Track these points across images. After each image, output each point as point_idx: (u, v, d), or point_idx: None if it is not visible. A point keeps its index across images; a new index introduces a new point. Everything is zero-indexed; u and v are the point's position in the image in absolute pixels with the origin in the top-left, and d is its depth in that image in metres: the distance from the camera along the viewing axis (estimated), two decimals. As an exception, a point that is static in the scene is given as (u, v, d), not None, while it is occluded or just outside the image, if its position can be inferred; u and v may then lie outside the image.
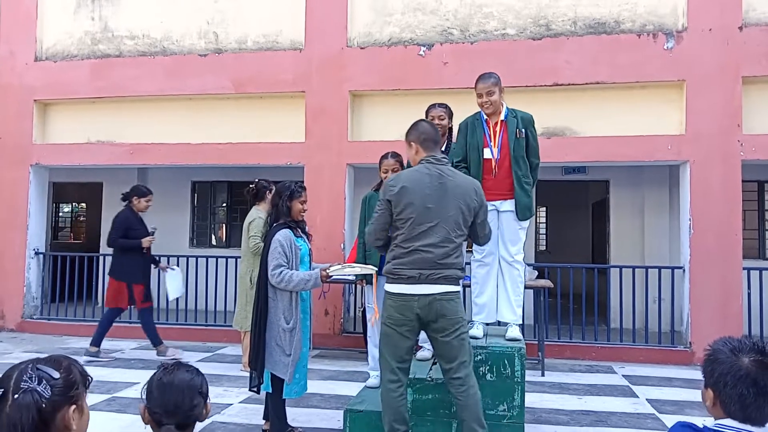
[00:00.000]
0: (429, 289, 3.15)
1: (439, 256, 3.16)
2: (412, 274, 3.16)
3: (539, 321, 6.23)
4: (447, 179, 3.25)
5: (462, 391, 3.18)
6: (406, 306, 3.18)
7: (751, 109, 6.55)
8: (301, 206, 3.94)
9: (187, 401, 1.67)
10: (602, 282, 8.35)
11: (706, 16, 6.55)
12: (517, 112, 4.05)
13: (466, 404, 3.18)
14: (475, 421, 3.16)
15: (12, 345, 7.22)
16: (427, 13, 7.18)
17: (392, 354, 3.27)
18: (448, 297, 3.17)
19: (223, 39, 7.72)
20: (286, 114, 7.52)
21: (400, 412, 3.26)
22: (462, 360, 3.20)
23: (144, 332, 6.51)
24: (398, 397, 3.25)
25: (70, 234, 14.41)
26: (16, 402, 1.36)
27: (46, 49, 8.29)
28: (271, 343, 3.73)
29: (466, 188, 3.29)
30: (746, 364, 1.56)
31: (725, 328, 6.32)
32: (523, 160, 3.98)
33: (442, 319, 3.16)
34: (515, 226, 4.00)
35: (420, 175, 3.25)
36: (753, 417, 1.54)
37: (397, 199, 3.22)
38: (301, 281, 3.69)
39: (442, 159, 3.34)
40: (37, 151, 8.18)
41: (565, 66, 6.76)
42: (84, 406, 1.49)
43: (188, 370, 1.74)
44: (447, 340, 3.18)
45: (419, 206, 3.18)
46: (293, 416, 4.50)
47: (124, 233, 6.33)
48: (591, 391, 5.35)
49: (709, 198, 6.47)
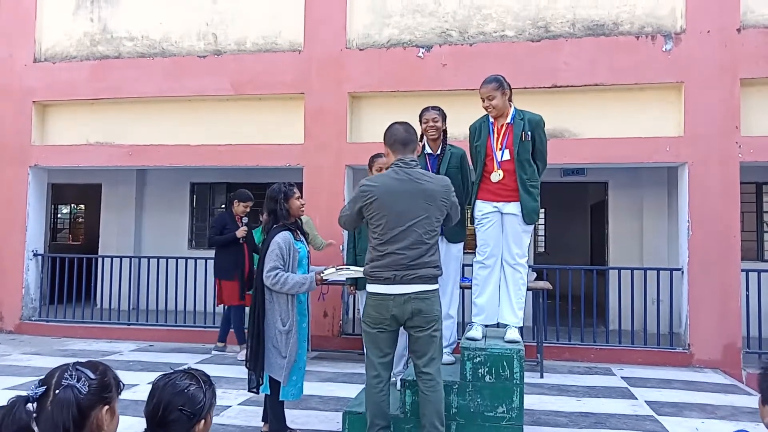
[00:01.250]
0: (404, 289, 3.28)
1: (411, 258, 3.28)
2: (387, 275, 3.29)
3: (538, 323, 6.24)
4: (415, 183, 3.34)
5: (429, 387, 3.32)
6: (383, 305, 3.31)
7: (750, 110, 6.56)
8: (298, 203, 3.97)
9: (161, 411, 1.66)
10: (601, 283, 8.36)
11: (705, 18, 6.56)
12: (525, 114, 4.00)
13: (430, 400, 3.31)
14: (436, 418, 3.30)
15: (10, 347, 7.22)
16: (426, 15, 7.19)
17: (373, 350, 3.40)
18: (423, 296, 3.29)
19: (222, 40, 7.72)
20: (285, 115, 7.53)
21: (381, 408, 3.37)
22: (432, 356, 3.33)
23: (230, 329, 6.70)
24: (379, 393, 3.36)
25: (68, 235, 14.40)
26: (57, 397, 1.49)
27: (45, 50, 8.29)
28: (269, 345, 3.75)
29: (435, 190, 3.37)
30: None
31: (723, 330, 6.34)
32: (529, 163, 3.94)
33: (417, 317, 3.28)
34: (519, 229, 3.97)
35: (389, 180, 3.36)
36: None
37: (368, 206, 3.35)
38: (296, 284, 3.72)
39: (411, 162, 3.41)
40: (36, 152, 8.18)
41: (563, 68, 6.77)
42: (115, 409, 1.59)
43: (189, 381, 1.71)
44: (420, 335, 3.31)
45: (390, 211, 3.29)
46: (292, 418, 4.50)
47: (220, 232, 6.59)
48: (590, 393, 5.35)
49: (707, 200, 6.48)
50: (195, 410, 1.66)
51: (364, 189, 3.38)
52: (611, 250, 8.94)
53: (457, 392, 3.71)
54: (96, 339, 7.73)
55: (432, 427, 3.28)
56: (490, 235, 4.01)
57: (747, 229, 8.14)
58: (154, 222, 10.25)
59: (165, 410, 1.65)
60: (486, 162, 4.02)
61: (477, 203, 4.07)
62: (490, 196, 4.01)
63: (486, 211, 4.02)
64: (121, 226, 10.18)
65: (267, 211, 3.97)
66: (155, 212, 10.28)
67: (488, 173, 4.01)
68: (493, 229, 4.01)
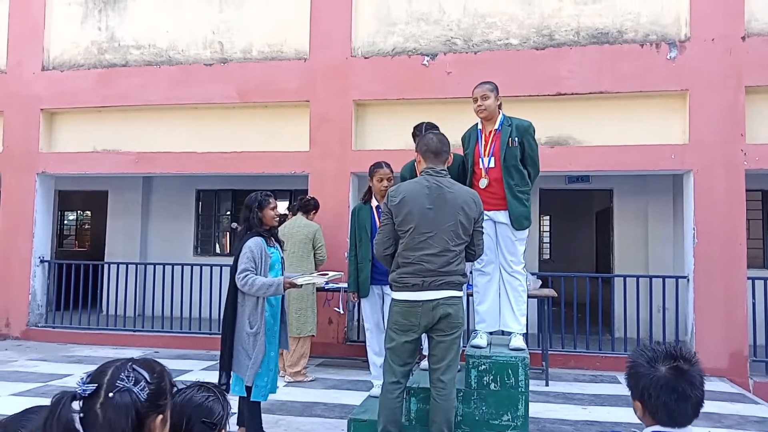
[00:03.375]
0: (433, 295, 3.28)
1: (440, 265, 3.29)
2: (415, 282, 3.29)
3: (543, 330, 6.22)
4: (445, 190, 3.36)
5: (443, 394, 3.32)
6: (411, 312, 3.31)
7: (755, 118, 6.55)
8: (272, 212, 4.06)
9: (185, 425, 1.65)
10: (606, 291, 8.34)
11: (709, 26, 6.57)
12: (512, 120, 4.00)
13: (443, 407, 3.31)
14: (445, 425, 3.30)
15: (17, 353, 7.25)
16: (431, 23, 7.23)
17: (396, 358, 3.39)
18: (451, 301, 3.30)
19: (228, 49, 7.78)
20: (291, 123, 7.56)
21: (395, 415, 3.38)
22: (449, 363, 3.34)
23: None
24: (395, 399, 3.37)
25: (75, 242, 14.47)
26: (113, 401, 1.30)
27: (53, 58, 8.36)
28: (238, 346, 3.86)
29: (465, 199, 3.40)
30: (663, 373, 1.63)
31: (729, 338, 6.31)
32: (516, 170, 3.92)
33: (444, 321, 3.29)
34: (511, 237, 3.96)
35: (419, 186, 3.38)
36: (679, 420, 1.63)
37: (397, 209, 3.34)
38: (263, 286, 3.80)
39: (441, 171, 3.44)
40: (44, 159, 8.24)
41: (568, 76, 6.78)
42: (168, 419, 1.41)
43: (207, 394, 1.71)
44: (443, 340, 3.32)
45: (418, 217, 3.30)
46: (297, 425, 4.51)
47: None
48: (595, 401, 5.33)
49: (712, 207, 6.47)
50: (215, 421, 1.68)
51: (391, 192, 3.42)
52: (616, 258, 8.93)
53: (462, 400, 3.70)
54: (102, 345, 7.75)
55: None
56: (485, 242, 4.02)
57: (752, 237, 8.11)
58: (160, 229, 10.30)
59: (188, 424, 1.66)
60: (474, 169, 4.03)
61: None
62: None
63: None
64: (127, 233, 10.22)
65: (242, 219, 4.08)
66: (161, 219, 10.33)
67: (477, 180, 4.02)
68: (487, 237, 4.02)
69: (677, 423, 1.62)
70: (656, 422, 1.64)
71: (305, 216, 6.25)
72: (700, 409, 1.64)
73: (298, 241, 5.99)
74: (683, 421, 1.62)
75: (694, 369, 1.64)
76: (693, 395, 1.61)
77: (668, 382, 1.61)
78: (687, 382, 1.61)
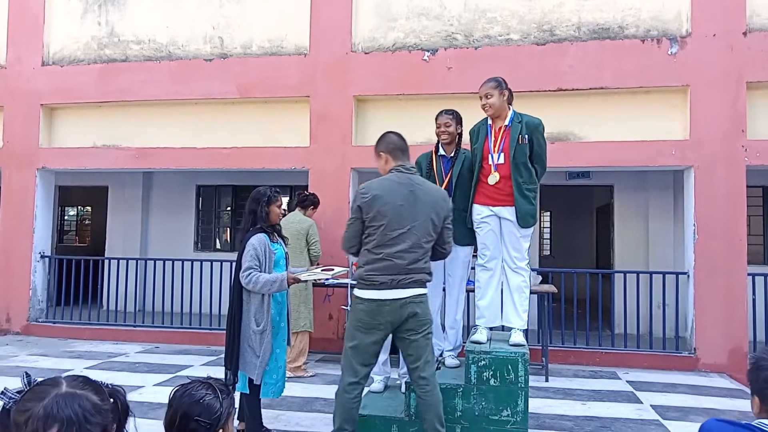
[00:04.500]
0: (400, 294, 3.28)
1: (409, 261, 3.30)
2: (384, 280, 3.28)
3: (543, 326, 6.23)
4: (417, 187, 3.40)
5: (427, 391, 3.33)
6: (378, 310, 3.29)
7: (756, 114, 6.54)
8: (278, 210, 4.06)
9: (179, 421, 1.65)
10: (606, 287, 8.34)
11: (710, 22, 6.55)
12: (523, 117, 3.99)
13: (430, 403, 3.32)
14: (437, 420, 3.32)
15: (18, 348, 7.26)
16: (431, 19, 7.21)
17: (359, 357, 3.36)
18: (418, 299, 3.32)
19: (229, 44, 7.76)
20: (291, 118, 7.55)
21: (352, 414, 3.38)
22: (427, 359, 3.36)
23: None
24: (353, 399, 3.37)
25: (75, 237, 14.48)
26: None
27: (53, 53, 8.35)
28: (244, 345, 3.85)
29: (436, 197, 3.44)
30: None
31: (729, 334, 6.31)
32: (525, 167, 3.92)
33: (413, 320, 3.30)
34: (516, 233, 3.96)
35: (391, 184, 3.39)
36: None
37: (368, 206, 3.33)
38: (267, 282, 3.80)
39: (411, 168, 3.48)
40: (44, 154, 8.24)
41: (568, 71, 6.77)
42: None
43: (205, 391, 1.69)
44: (415, 338, 3.33)
45: (390, 213, 3.31)
46: (297, 421, 4.52)
47: None
48: (595, 397, 5.34)
49: (713, 203, 6.47)
50: (212, 420, 1.65)
51: (363, 189, 3.40)
52: (617, 254, 8.93)
53: (461, 395, 3.71)
54: (102, 340, 7.76)
55: (433, 430, 3.30)
56: (489, 238, 4.02)
57: (753, 233, 8.11)
58: (161, 224, 10.30)
59: (182, 420, 1.64)
60: (483, 165, 4.03)
61: (474, 207, 4.07)
62: (487, 199, 4.01)
63: (483, 214, 4.02)
64: (127, 229, 10.23)
65: (247, 211, 4.04)
66: (161, 215, 10.33)
67: (485, 176, 4.01)
68: (491, 233, 4.02)
69: None
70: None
71: (302, 211, 6.23)
72: None
73: (292, 236, 5.94)
74: None
75: None
76: None
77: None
78: None
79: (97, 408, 1.22)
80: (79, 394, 1.22)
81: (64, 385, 1.23)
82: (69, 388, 1.23)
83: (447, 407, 3.69)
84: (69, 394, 1.21)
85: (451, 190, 4.14)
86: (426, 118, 4.57)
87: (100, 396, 1.25)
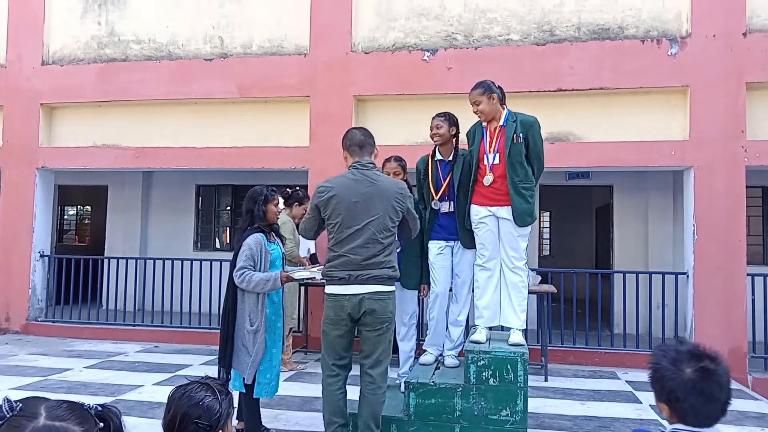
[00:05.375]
0: (358, 289, 3.34)
1: (365, 257, 3.33)
2: (342, 275, 3.35)
3: (542, 326, 6.23)
4: (373, 183, 3.42)
5: (370, 388, 3.39)
6: (339, 305, 3.37)
7: (755, 115, 6.55)
8: (275, 209, 4.06)
9: (178, 423, 1.63)
10: (606, 287, 8.34)
11: (710, 22, 6.55)
12: (517, 116, 3.99)
13: (369, 401, 3.37)
14: (371, 419, 3.36)
15: (17, 347, 7.26)
16: (431, 19, 7.21)
17: (330, 352, 3.45)
18: (377, 296, 3.35)
19: (229, 44, 7.76)
20: (291, 118, 7.55)
21: (339, 407, 3.44)
22: (378, 358, 3.40)
23: None
24: (336, 391, 3.44)
25: (75, 237, 14.47)
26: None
27: (53, 53, 8.35)
28: (238, 343, 3.86)
29: (393, 191, 3.45)
30: (690, 376, 1.58)
31: (728, 334, 6.32)
32: (521, 166, 3.91)
33: (370, 316, 3.35)
34: (514, 233, 3.96)
35: (346, 181, 3.44)
36: (706, 421, 1.60)
37: (324, 205, 3.42)
38: (261, 281, 3.81)
39: (367, 164, 3.49)
40: (43, 154, 8.24)
41: (568, 71, 6.77)
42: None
43: (204, 393, 1.67)
44: (369, 335, 3.39)
45: (345, 210, 3.36)
46: (297, 420, 4.52)
47: None
48: (594, 397, 5.34)
49: (712, 204, 6.47)
50: (211, 422, 1.64)
51: (319, 188, 3.47)
52: (616, 254, 8.93)
53: (461, 395, 3.71)
54: (101, 340, 7.76)
55: (366, 428, 3.35)
56: (487, 238, 4.03)
57: (752, 233, 8.11)
58: (160, 224, 10.30)
59: (181, 423, 1.62)
60: (479, 166, 4.03)
61: (472, 207, 4.08)
62: (484, 200, 4.02)
63: (481, 215, 4.03)
64: (127, 228, 10.23)
65: (244, 210, 4.06)
66: (161, 214, 10.33)
67: (481, 177, 4.02)
68: (490, 233, 4.03)
69: (704, 424, 1.60)
70: (685, 424, 1.61)
71: (288, 210, 6.04)
72: (727, 408, 1.60)
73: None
74: (710, 422, 1.60)
75: (721, 369, 1.59)
76: (722, 396, 1.57)
77: (696, 384, 1.56)
78: (715, 384, 1.57)
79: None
80: (58, 426, 1.09)
81: (43, 416, 1.10)
82: (47, 420, 1.10)
83: (446, 407, 3.69)
84: (46, 428, 1.09)
85: (452, 194, 4.15)
86: (426, 118, 4.55)
87: (84, 426, 1.12)
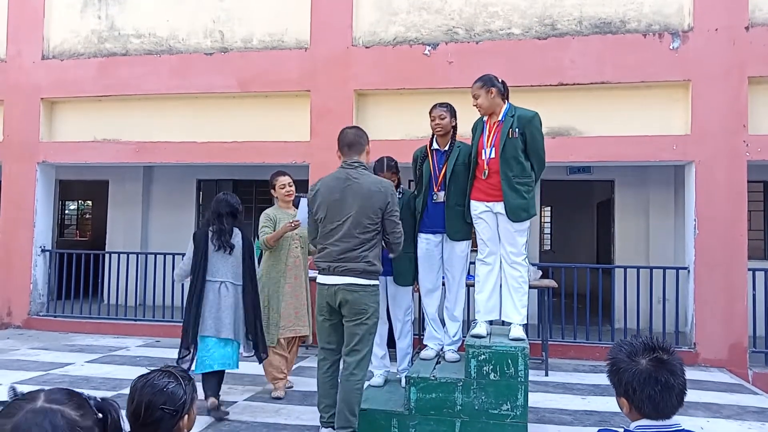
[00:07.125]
0: (334, 280, 3.57)
1: (342, 250, 3.55)
2: (323, 266, 3.63)
3: (543, 321, 6.23)
4: (352, 181, 3.62)
5: (344, 374, 3.57)
6: (320, 293, 3.65)
7: (757, 109, 6.53)
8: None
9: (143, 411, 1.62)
10: (607, 282, 8.34)
11: (712, 16, 6.53)
12: (516, 111, 3.94)
13: (344, 389, 3.53)
14: (346, 408, 3.50)
15: (19, 342, 7.28)
16: (432, 13, 7.19)
17: (319, 335, 3.76)
18: (351, 288, 3.54)
19: (229, 38, 7.74)
20: (292, 113, 7.54)
21: (326, 389, 3.68)
22: (355, 347, 3.57)
23: None
24: (324, 374, 3.68)
25: (76, 231, 14.49)
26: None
27: (53, 47, 8.33)
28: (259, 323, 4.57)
29: (369, 188, 3.61)
30: (645, 366, 1.64)
31: (729, 329, 6.32)
32: (516, 161, 3.86)
33: (345, 306, 3.56)
34: (510, 228, 3.94)
35: (331, 179, 3.70)
36: (664, 411, 1.64)
37: (312, 202, 3.72)
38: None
39: (353, 163, 3.68)
40: (44, 148, 8.23)
41: (570, 66, 6.75)
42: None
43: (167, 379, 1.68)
44: (347, 324, 3.61)
45: (326, 207, 3.62)
46: (298, 414, 4.53)
47: None
48: (595, 392, 5.35)
49: (714, 198, 6.46)
50: (177, 407, 1.64)
51: (310, 188, 3.78)
52: (617, 249, 8.93)
53: (461, 390, 3.72)
54: (103, 334, 7.78)
55: (341, 415, 3.49)
56: (486, 233, 4.03)
57: (754, 228, 8.11)
58: (161, 218, 10.30)
59: (147, 410, 1.63)
60: (477, 160, 4.02)
61: (471, 203, 4.07)
62: (482, 195, 4.00)
63: (480, 210, 4.02)
64: (128, 223, 10.23)
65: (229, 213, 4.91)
66: (162, 209, 10.33)
67: (479, 171, 4.00)
68: (488, 228, 4.02)
69: (663, 414, 1.64)
70: (642, 416, 1.65)
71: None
72: (683, 398, 1.65)
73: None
74: (668, 411, 1.64)
75: (673, 358, 1.65)
76: (676, 384, 1.63)
77: (650, 374, 1.62)
78: (668, 372, 1.62)
79: (72, 424, 1.11)
80: (54, 409, 1.12)
81: (41, 399, 1.14)
82: (45, 402, 1.13)
83: (447, 401, 3.70)
84: (42, 409, 1.11)
85: (445, 184, 4.12)
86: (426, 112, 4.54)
87: (80, 411, 1.15)
